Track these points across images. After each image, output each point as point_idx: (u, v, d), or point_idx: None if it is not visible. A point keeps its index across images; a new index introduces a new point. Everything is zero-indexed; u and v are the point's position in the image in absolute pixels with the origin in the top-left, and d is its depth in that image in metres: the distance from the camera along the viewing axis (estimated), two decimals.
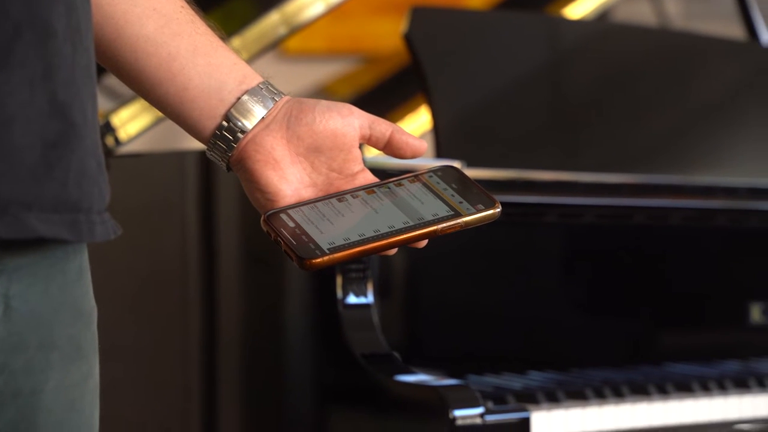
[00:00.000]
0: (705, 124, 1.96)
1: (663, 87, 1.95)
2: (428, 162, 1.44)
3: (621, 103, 1.90)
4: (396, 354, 1.40)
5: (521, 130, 1.79)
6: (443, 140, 1.66)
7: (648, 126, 1.91)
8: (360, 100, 2.29)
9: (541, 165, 1.69)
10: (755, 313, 1.73)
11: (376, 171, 0.98)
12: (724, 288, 1.73)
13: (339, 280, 1.39)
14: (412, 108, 2.09)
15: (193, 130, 0.94)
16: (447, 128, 1.68)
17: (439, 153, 1.65)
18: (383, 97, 2.32)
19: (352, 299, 1.39)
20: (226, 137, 0.93)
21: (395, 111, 2.13)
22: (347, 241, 0.93)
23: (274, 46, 1.85)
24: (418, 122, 2.04)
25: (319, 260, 0.92)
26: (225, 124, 0.92)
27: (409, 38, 1.72)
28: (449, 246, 1.51)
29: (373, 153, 1.90)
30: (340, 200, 0.96)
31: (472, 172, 1.60)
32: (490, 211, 0.98)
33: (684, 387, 1.50)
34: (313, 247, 0.92)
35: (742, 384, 1.54)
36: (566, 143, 1.85)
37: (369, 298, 1.40)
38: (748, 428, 1.51)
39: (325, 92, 2.47)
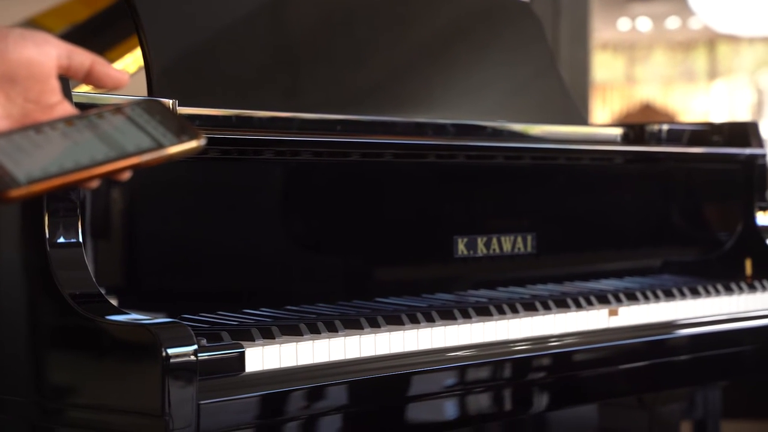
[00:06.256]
0: (420, 66, 2.01)
1: (382, 29, 1.98)
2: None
3: (342, 44, 1.92)
4: (108, 294, 1.38)
5: (240, 71, 1.77)
6: (156, 79, 1.63)
7: (367, 68, 1.94)
8: (74, 35, 2.21)
9: (260, 106, 1.69)
10: (461, 246, 1.80)
11: (88, 106, 0.96)
12: (433, 223, 1.79)
13: (47, 220, 1.35)
14: (131, 46, 2.03)
15: None
16: (160, 67, 1.65)
17: (152, 92, 1.62)
18: (100, 33, 2.25)
19: (61, 239, 1.36)
20: None
21: (113, 48, 2.07)
22: (46, 173, 0.91)
23: None
24: (136, 59, 1.99)
25: (15, 192, 0.90)
26: None
27: None
28: (164, 183, 1.49)
29: (85, 88, 1.84)
30: (38, 132, 0.93)
31: (186, 111, 1.59)
32: (194, 143, 0.98)
33: (394, 320, 1.55)
34: (8, 179, 0.90)
35: (447, 315, 1.60)
36: (286, 85, 1.85)
37: (78, 238, 1.37)
38: (459, 355, 1.58)
39: (33, 26, 2.37)
